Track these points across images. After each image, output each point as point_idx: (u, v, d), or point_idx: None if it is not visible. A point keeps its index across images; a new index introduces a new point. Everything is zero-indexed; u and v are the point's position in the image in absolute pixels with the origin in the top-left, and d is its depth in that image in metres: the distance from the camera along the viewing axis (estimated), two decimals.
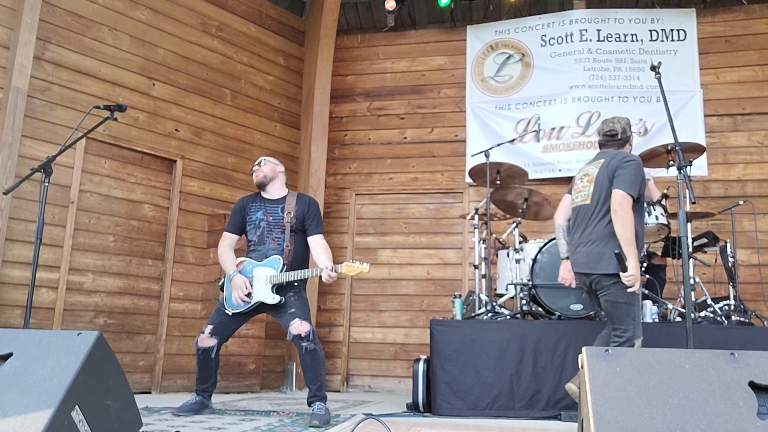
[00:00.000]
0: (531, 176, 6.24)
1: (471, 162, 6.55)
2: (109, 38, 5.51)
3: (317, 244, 3.84)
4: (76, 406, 2.04)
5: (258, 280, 3.73)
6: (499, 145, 5.40)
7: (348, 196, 7.10)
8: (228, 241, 3.97)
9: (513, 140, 6.00)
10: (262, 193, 4.00)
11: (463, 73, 7.08)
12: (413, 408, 4.44)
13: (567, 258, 3.61)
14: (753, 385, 1.71)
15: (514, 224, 5.03)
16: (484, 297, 4.90)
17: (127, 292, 5.43)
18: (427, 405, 4.37)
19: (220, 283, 3.94)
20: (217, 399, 5.05)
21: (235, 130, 6.40)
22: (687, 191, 2.93)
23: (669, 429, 1.64)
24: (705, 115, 6.46)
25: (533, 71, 6.88)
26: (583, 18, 6.82)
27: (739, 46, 6.59)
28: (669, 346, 3.11)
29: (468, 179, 6.46)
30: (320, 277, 3.65)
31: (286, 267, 3.73)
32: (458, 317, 4.70)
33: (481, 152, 5.15)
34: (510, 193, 5.17)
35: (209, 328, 3.75)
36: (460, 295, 4.88)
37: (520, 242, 4.95)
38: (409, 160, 7.04)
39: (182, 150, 5.92)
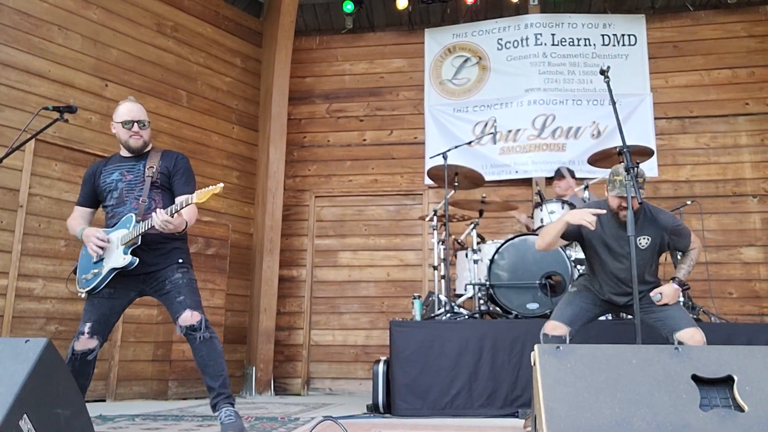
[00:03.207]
0: (488, 178, 6.36)
1: (430, 164, 6.61)
2: (60, 38, 5.37)
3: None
4: (25, 415, 1.98)
5: (110, 247, 3.05)
6: (457, 147, 5.46)
7: (307, 198, 7.07)
8: (77, 214, 3.24)
9: (471, 142, 6.07)
10: (120, 153, 3.27)
11: (422, 76, 7.14)
12: (373, 409, 4.45)
13: None
14: (696, 378, 1.78)
15: (472, 225, 5.10)
16: (443, 297, 4.94)
17: (79, 299, 5.27)
18: (387, 406, 4.38)
19: (74, 269, 3.23)
20: (174, 405, 4.97)
21: (191, 132, 6.31)
22: (635, 192, 3.02)
23: (617, 422, 1.69)
24: (655, 118, 6.66)
25: (490, 74, 6.98)
26: (538, 22, 6.95)
27: (686, 51, 6.82)
28: (621, 342, 3.20)
29: (427, 181, 6.52)
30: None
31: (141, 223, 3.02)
32: (417, 318, 4.73)
33: (439, 154, 5.19)
34: (468, 194, 5.24)
35: (87, 326, 3.05)
36: (419, 296, 4.91)
37: (478, 243, 5.02)
38: (368, 162, 7.06)
39: None
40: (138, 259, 3.01)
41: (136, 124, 3.16)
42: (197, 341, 3.03)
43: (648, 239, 3.39)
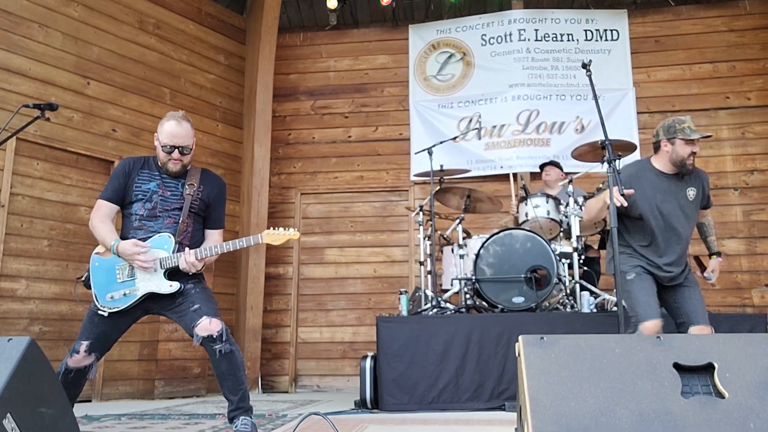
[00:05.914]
0: (473, 173, 6.40)
1: (415, 159, 6.63)
2: (40, 35, 5.31)
3: (215, 240, 3.11)
4: (8, 414, 1.97)
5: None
6: (442, 142, 5.47)
7: (293, 195, 7.06)
8: (106, 210, 2.96)
9: (455, 138, 6.09)
10: (157, 160, 3.05)
11: (406, 72, 7.15)
12: (361, 405, 4.46)
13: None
14: (677, 366, 1.80)
15: (458, 221, 5.12)
16: (429, 293, 4.96)
17: (63, 298, 5.25)
18: (375, 401, 4.40)
19: (83, 278, 2.98)
20: (160, 404, 4.95)
21: None
22: (617, 184, 3.05)
23: (600, 411, 1.71)
24: (638, 113, 6.71)
25: (474, 70, 7.00)
26: (522, 18, 6.98)
27: (667, 46, 6.88)
28: (607, 333, 3.23)
29: (413, 177, 6.55)
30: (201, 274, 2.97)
31: (179, 248, 2.90)
32: (404, 313, 4.74)
33: (424, 150, 5.21)
34: (453, 190, 5.25)
35: (84, 345, 2.86)
36: (405, 292, 4.93)
37: (463, 238, 5.05)
38: (354, 158, 7.05)
39: (120, 150, 5.76)
40: (182, 286, 2.88)
41: (177, 150, 2.92)
42: (216, 354, 2.78)
43: (695, 190, 3.40)
